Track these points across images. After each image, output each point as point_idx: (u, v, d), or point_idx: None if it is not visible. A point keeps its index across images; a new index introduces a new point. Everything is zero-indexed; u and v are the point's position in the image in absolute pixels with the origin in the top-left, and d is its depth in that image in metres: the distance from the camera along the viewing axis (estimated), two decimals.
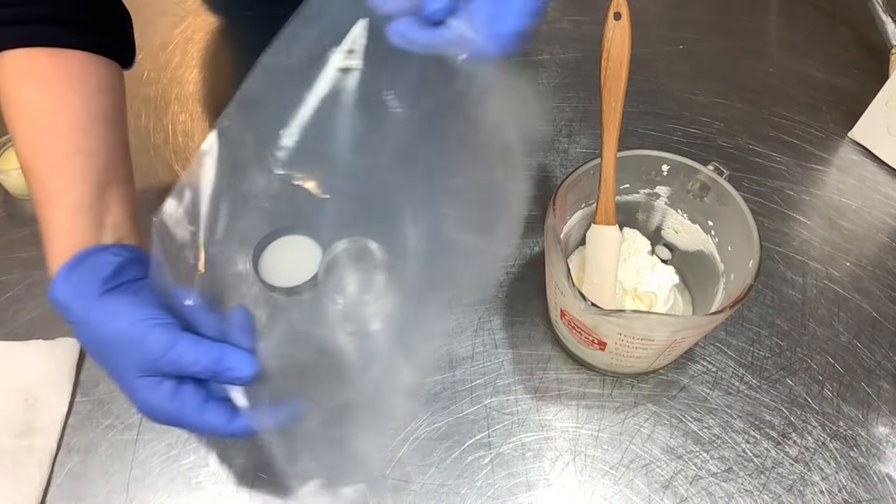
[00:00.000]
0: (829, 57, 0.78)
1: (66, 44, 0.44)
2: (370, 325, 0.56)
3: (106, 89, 0.46)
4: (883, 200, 0.65)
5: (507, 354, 0.56)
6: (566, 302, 0.47)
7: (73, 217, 0.43)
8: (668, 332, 0.45)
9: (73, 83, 0.44)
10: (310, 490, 0.41)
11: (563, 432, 0.52)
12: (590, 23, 0.81)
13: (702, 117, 0.72)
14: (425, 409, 0.53)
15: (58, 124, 0.43)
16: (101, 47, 0.46)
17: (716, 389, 0.54)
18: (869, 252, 0.62)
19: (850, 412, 0.53)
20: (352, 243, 0.53)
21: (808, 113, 0.72)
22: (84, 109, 0.44)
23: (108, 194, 0.44)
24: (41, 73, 0.43)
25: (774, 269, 0.60)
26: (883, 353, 0.56)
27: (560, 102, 0.73)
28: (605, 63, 0.46)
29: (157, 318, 0.39)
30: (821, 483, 0.50)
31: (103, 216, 0.44)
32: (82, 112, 0.44)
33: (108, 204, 0.44)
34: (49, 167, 0.43)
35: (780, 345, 0.56)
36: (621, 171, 0.50)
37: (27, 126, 0.44)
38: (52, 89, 0.44)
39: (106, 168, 0.45)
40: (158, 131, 0.70)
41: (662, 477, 0.50)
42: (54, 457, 0.50)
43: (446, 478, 0.50)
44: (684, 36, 0.80)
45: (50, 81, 0.44)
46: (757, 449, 0.51)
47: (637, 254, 0.55)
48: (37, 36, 0.43)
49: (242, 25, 0.81)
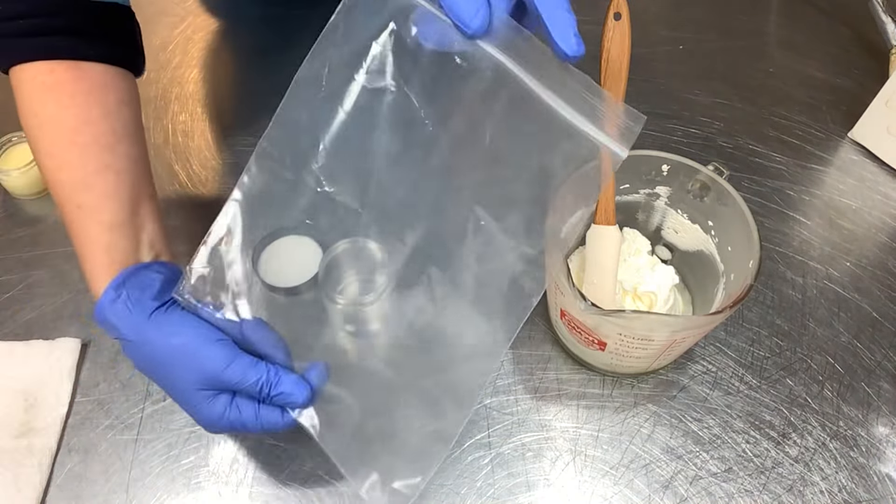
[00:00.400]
0: (829, 57, 0.78)
1: (86, 56, 0.44)
2: (370, 325, 0.56)
3: (126, 102, 0.47)
4: (883, 200, 0.65)
5: (507, 354, 0.56)
6: (566, 302, 0.47)
7: (110, 234, 0.43)
8: (668, 332, 0.45)
9: (94, 97, 0.44)
10: (368, 486, 0.41)
11: (563, 432, 0.52)
12: (590, 23, 0.80)
13: (702, 117, 0.72)
14: None
15: (83, 140, 0.44)
16: (118, 59, 0.47)
17: (716, 389, 0.54)
18: (869, 252, 0.62)
19: (850, 412, 0.53)
20: (352, 243, 0.52)
21: (808, 113, 0.72)
22: (108, 124, 0.45)
23: (141, 210, 0.45)
24: (63, 86, 0.44)
25: (774, 269, 0.60)
26: (883, 353, 0.56)
27: None
28: (605, 63, 0.46)
29: (215, 334, 0.41)
30: (821, 483, 0.50)
31: (139, 233, 0.45)
32: (106, 127, 0.44)
33: (142, 220, 0.45)
34: (79, 183, 0.43)
35: (780, 345, 0.56)
36: (621, 171, 0.50)
37: (51, 140, 0.44)
38: (74, 103, 0.44)
39: (134, 184, 0.45)
40: (158, 131, 0.70)
41: (662, 477, 0.50)
42: (54, 457, 0.50)
43: (446, 478, 0.50)
44: (684, 36, 0.80)
45: (72, 95, 0.44)
46: (757, 449, 0.51)
47: (637, 254, 0.55)
48: (56, 48, 0.43)
49: (241, 26, 0.81)
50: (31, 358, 0.54)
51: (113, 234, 0.43)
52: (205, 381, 0.40)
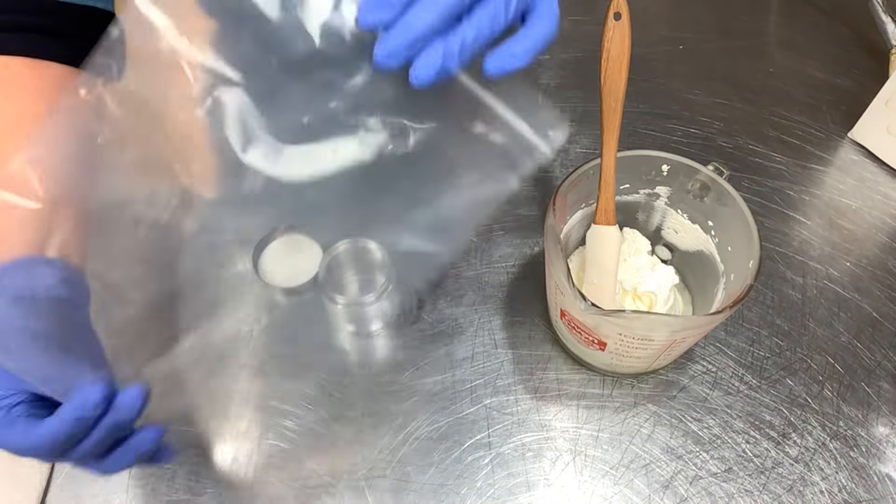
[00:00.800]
0: (829, 57, 0.78)
1: (47, 55, 0.44)
2: (370, 325, 0.56)
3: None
4: (883, 200, 0.65)
5: (507, 354, 0.56)
6: (566, 302, 0.47)
7: (20, 222, 0.40)
8: (668, 332, 0.45)
9: (47, 95, 0.44)
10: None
11: (563, 432, 0.52)
12: (590, 23, 0.81)
13: (702, 117, 0.72)
14: (425, 409, 0.53)
15: (24, 132, 0.42)
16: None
17: (716, 389, 0.54)
18: (869, 252, 0.62)
19: (850, 412, 0.53)
20: (352, 243, 0.53)
21: (808, 113, 0.72)
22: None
23: (63, 212, 0.42)
24: (17, 80, 0.43)
25: (774, 269, 0.60)
26: (883, 353, 0.56)
27: (560, 102, 0.73)
28: (605, 63, 0.46)
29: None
30: (821, 483, 0.50)
31: (51, 232, 0.42)
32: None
33: (60, 221, 0.42)
34: (5, 164, 0.41)
35: (780, 345, 0.56)
36: (621, 171, 0.50)
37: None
38: (25, 98, 0.43)
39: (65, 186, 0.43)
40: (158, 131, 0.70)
41: (662, 477, 0.50)
42: None
43: (446, 478, 0.50)
44: (684, 36, 0.80)
45: (25, 90, 0.43)
46: (757, 449, 0.51)
47: (637, 254, 0.55)
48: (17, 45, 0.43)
49: None
50: None
51: (23, 226, 0.40)
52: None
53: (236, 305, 0.55)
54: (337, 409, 0.53)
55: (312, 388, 0.54)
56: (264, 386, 0.53)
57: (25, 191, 0.41)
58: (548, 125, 0.36)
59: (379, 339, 0.57)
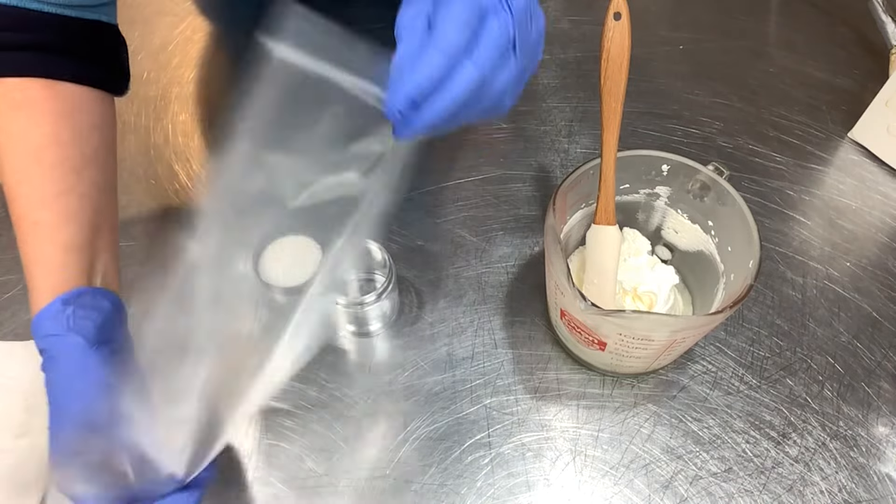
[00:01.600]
0: (829, 57, 0.78)
1: (60, 76, 0.44)
2: (370, 325, 0.56)
3: (98, 126, 0.46)
4: (883, 200, 0.65)
5: (507, 354, 0.56)
6: (566, 302, 0.47)
7: (65, 255, 0.42)
8: (668, 332, 0.45)
9: (66, 118, 0.44)
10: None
11: (563, 432, 0.52)
12: (590, 23, 0.81)
13: (702, 117, 0.72)
14: (425, 409, 0.53)
15: (50, 160, 0.43)
16: (96, 80, 0.46)
17: (716, 389, 0.54)
18: (869, 252, 0.62)
19: (850, 412, 0.53)
20: None
21: (808, 113, 0.72)
22: (77, 148, 0.44)
23: (99, 239, 0.44)
24: (34, 104, 0.43)
25: (774, 269, 0.60)
26: (883, 353, 0.56)
27: (560, 102, 0.73)
28: (605, 63, 0.46)
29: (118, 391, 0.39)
30: (821, 483, 0.50)
31: (94, 259, 0.43)
32: (75, 151, 0.43)
33: (98, 248, 0.44)
34: (39, 201, 0.42)
35: (780, 345, 0.56)
36: (621, 171, 0.50)
37: (16, 156, 0.43)
38: (44, 122, 0.43)
39: (96, 211, 0.44)
40: (158, 131, 0.70)
41: (662, 477, 0.50)
42: None
43: (446, 478, 0.50)
44: (684, 36, 0.80)
45: (43, 114, 0.43)
46: (757, 449, 0.51)
47: (637, 254, 0.55)
48: (30, 66, 0.43)
49: (239, 29, 0.80)
50: (32, 358, 0.54)
51: (68, 255, 0.42)
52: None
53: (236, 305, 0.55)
54: (337, 409, 0.53)
55: (312, 388, 0.54)
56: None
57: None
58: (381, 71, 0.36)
59: (379, 339, 0.57)
